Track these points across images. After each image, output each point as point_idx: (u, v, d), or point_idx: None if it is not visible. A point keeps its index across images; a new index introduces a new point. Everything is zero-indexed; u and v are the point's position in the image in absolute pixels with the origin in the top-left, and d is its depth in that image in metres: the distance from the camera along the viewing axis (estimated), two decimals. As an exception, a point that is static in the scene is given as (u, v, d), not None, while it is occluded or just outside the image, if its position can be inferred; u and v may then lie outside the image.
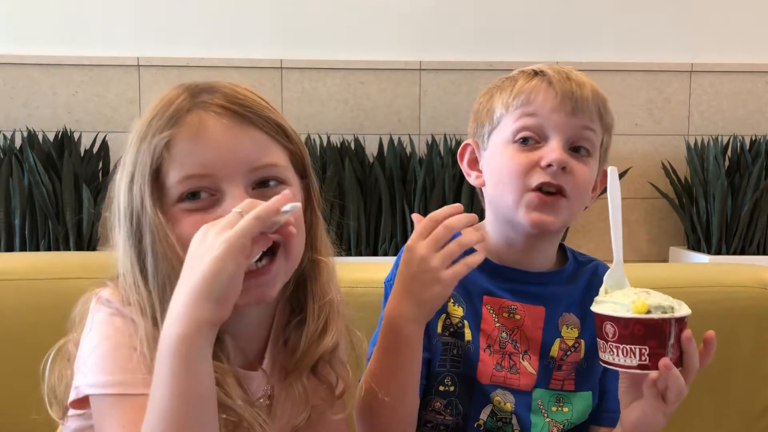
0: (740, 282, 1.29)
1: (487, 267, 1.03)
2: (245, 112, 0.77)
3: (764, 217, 2.66)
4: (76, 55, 2.71)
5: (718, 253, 2.67)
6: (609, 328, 0.86)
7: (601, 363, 0.89)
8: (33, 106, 2.71)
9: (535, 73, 1.02)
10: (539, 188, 0.98)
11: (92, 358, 0.75)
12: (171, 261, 0.73)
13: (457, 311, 1.02)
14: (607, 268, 1.10)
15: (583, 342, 1.05)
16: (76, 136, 2.59)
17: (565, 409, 1.03)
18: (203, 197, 0.75)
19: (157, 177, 0.75)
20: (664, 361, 0.83)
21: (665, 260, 2.87)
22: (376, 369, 0.91)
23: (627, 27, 2.89)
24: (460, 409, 1.02)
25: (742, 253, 2.67)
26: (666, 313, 0.84)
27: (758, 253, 2.68)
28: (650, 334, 0.84)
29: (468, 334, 1.01)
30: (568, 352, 1.04)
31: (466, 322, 1.02)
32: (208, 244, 0.66)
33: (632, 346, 0.84)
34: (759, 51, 2.91)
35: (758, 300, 1.27)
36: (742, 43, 2.91)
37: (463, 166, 1.09)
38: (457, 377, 1.01)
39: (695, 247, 2.75)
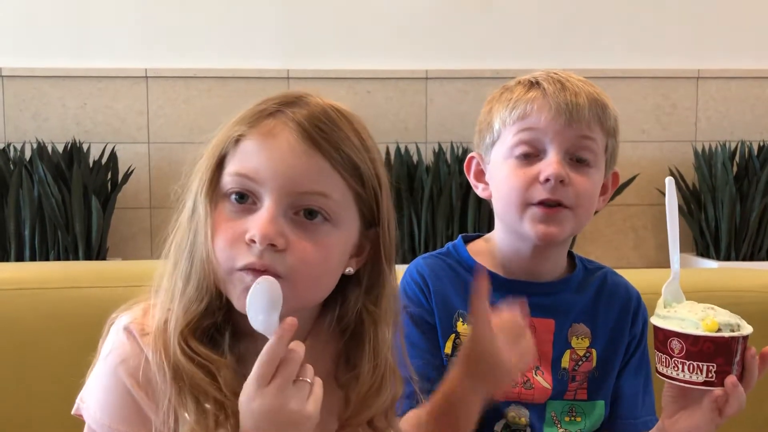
0: (747, 287, 1.29)
1: (496, 282, 1.03)
2: (318, 137, 0.75)
3: (773, 223, 2.65)
4: (84, 67, 2.73)
5: (727, 259, 2.65)
6: (676, 344, 0.87)
7: (660, 376, 0.90)
8: (42, 118, 2.74)
9: (531, 84, 1.02)
10: (540, 202, 0.98)
11: (98, 389, 0.78)
12: (203, 250, 0.75)
13: (468, 330, 1.02)
14: (616, 274, 1.10)
15: (594, 351, 1.04)
16: (85, 147, 2.61)
17: (578, 419, 1.03)
18: (248, 202, 0.75)
19: (219, 166, 0.77)
20: (732, 379, 0.85)
21: (674, 267, 2.85)
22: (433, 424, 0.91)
23: (633, 34, 2.89)
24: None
25: (751, 259, 2.66)
26: (733, 330, 0.86)
27: (767, 259, 2.67)
28: (719, 351, 0.85)
29: None
30: (580, 362, 1.04)
31: None
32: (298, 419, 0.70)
33: (700, 363, 0.85)
34: (765, 56, 2.91)
35: (765, 305, 1.27)
36: (749, 49, 2.91)
37: (470, 179, 1.10)
38: None
39: (704, 253, 2.74)
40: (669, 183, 0.95)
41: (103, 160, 2.63)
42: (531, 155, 1.00)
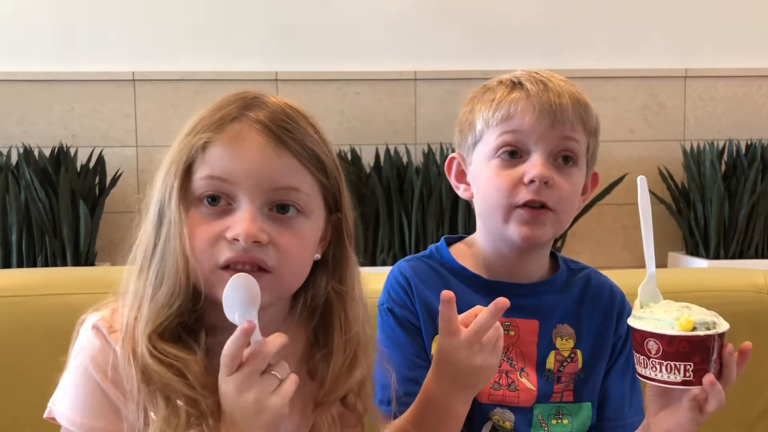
0: (735, 286, 1.29)
1: (478, 284, 1.03)
2: (284, 136, 0.79)
3: (761, 221, 2.65)
4: (71, 70, 2.71)
5: (717, 257, 2.66)
6: (652, 345, 0.86)
7: (639, 378, 0.90)
8: (28, 122, 2.72)
9: (514, 84, 1.02)
10: (525, 204, 0.98)
11: (68, 388, 0.79)
12: (177, 255, 0.76)
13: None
14: (600, 274, 1.10)
15: (579, 352, 1.04)
16: (72, 151, 2.59)
17: (565, 421, 1.02)
18: (221, 204, 0.78)
19: (187, 173, 0.79)
20: (710, 378, 0.85)
21: (664, 265, 2.86)
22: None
23: (621, 34, 2.89)
24: (462, 429, 1.01)
25: (740, 257, 2.67)
26: (709, 328, 0.85)
27: (756, 257, 2.67)
28: (695, 350, 0.85)
29: None
30: (565, 363, 1.03)
31: None
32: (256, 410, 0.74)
33: (677, 363, 0.85)
34: (752, 56, 2.92)
35: (753, 304, 1.27)
36: (736, 49, 2.92)
37: (451, 179, 1.09)
38: None
39: (693, 252, 2.75)
40: (641, 182, 0.94)
41: (91, 165, 2.61)
42: (515, 156, 1.00)
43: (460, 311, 1.02)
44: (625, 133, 2.89)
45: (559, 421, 1.02)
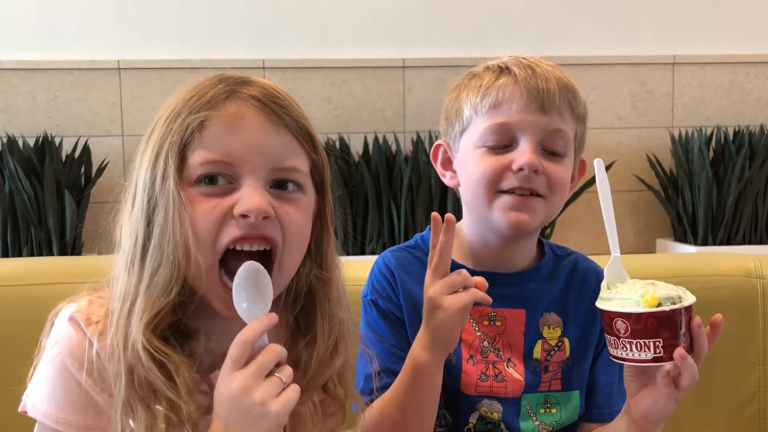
0: (724, 271, 1.29)
1: None
2: (281, 113, 0.78)
3: (749, 207, 2.67)
4: (55, 59, 2.68)
5: (705, 243, 2.67)
6: (620, 325, 0.86)
7: (613, 359, 0.89)
8: (12, 112, 2.68)
9: (501, 70, 1.00)
10: (512, 191, 0.97)
11: (44, 381, 0.77)
12: (177, 239, 0.74)
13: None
14: (587, 260, 1.09)
15: (567, 341, 1.03)
16: (57, 141, 2.57)
17: (554, 410, 1.02)
18: (220, 183, 0.76)
19: (182, 155, 0.76)
20: (680, 352, 0.84)
21: (652, 252, 2.87)
22: (395, 395, 0.92)
23: (610, 20, 2.89)
24: (449, 419, 1.01)
25: (728, 243, 2.68)
26: (675, 303, 0.85)
27: (744, 243, 2.69)
28: (663, 326, 0.84)
29: None
30: (552, 352, 1.02)
31: None
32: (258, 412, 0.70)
33: (646, 340, 0.85)
34: (740, 42, 2.92)
35: (742, 288, 1.27)
36: (723, 35, 2.92)
37: (437, 167, 1.08)
38: (442, 390, 0.98)
39: (682, 238, 2.76)
40: (598, 165, 0.92)
41: (76, 154, 2.58)
42: (503, 144, 0.98)
43: None
44: (614, 120, 2.89)
45: (548, 410, 1.02)
